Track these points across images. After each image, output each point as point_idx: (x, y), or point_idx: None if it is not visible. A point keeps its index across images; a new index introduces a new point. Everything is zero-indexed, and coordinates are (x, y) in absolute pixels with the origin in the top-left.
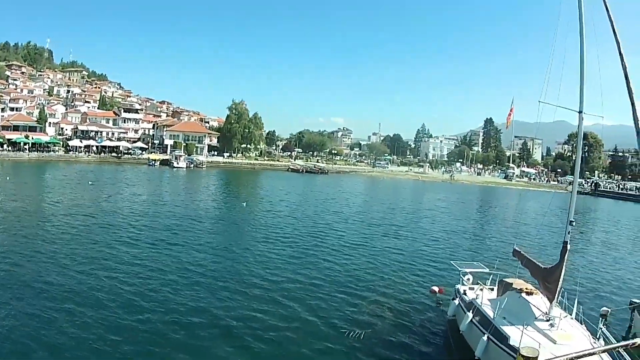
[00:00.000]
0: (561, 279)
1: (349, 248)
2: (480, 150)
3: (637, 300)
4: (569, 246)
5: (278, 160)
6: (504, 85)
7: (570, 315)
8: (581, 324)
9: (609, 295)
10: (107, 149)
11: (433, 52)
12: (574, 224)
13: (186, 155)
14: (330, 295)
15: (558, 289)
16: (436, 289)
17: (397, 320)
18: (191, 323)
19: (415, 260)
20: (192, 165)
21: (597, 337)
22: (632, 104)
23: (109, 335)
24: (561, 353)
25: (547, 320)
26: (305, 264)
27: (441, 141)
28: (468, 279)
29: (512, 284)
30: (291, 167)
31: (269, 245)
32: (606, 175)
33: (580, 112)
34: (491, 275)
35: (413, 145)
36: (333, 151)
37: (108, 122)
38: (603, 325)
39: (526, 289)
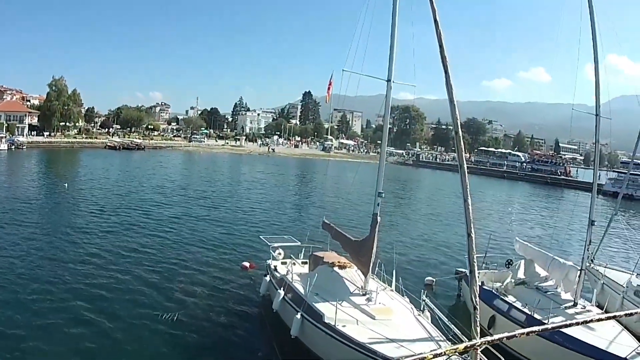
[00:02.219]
0: (374, 252)
1: (163, 225)
2: (298, 123)
3: (462, 270)
4: (379, 218)
5: (96, 138)
6: (326, 59)
7: (390, 287)
8: (403, 295)
9: (435, 264)
10: None
11: (249, 25)
12: (383, 195)
13: (8, 136)
14: (143, 276)
15: (371, 262)
16: (247, 264)
17: (211, 299)
18: None
19: (229, 236)
20: (13, 147)
21: (421, 308)
22: (446, 71)
23: None
24: (380, 329)
25: (364, 295)
26: (121, 244)
27: (259, 114)
28: (279, 254)
29: (323, 257)
30: (108, 144)
31: (84, 228)
32: (429, 147)
33: (388, 80)
34: (303, 249)
35: (231, 119)
36: (150, 126)
37: None
38: (426, 296)
39: (339, 262)
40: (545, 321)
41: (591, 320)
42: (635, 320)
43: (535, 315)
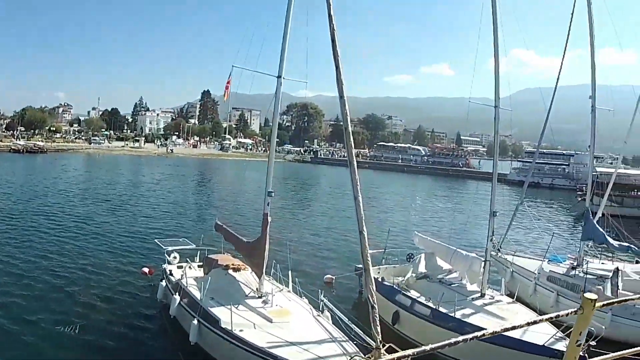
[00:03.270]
0: (266, 253)
1: (65, 231)
2: (197, 122)
3: (361, 266)
4: (269, 218)
5: (1, 141)
6: (229, 57)
7: (287, 288)
8: (301, 296)
9: (335, 261)
10: None
11: (149, 23)
12: (273, 194)
13: None
14: (40, 285)
15: (265, 263)
16: (147, 269)
17: (112, 307)
18: None
19: (130, 240)
20: None
21: (320, 309)
22: (337, 67)
23: None
24: (278, 332)
25: (260, 297)
26: (18, 252)
27: (158, 115)
28: (175, 257)
29: (217, 260)
30: (12, 147)
31: None
32: (327, 144)
33: (279, 77)
34: (198, 252)
35: (131, 120)
36: (52, 128)
37: None
38: (324, 296)
39: (233, 264)
40: (452, 314)
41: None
42: (551, 305)
43: (441, 309)
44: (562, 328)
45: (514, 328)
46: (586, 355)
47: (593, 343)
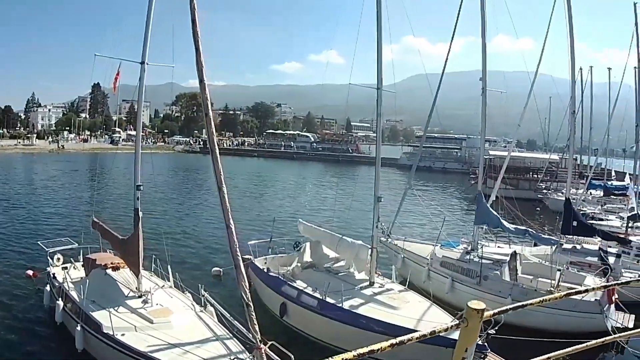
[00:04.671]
0: (141, 249)
1: None
2: (87, 116)
3: (248, 256)
4: (140, 213)
5: None
6: (122, 49)
7: (169, 283)
8: (183, 292)
9: (224, 253)
10: None
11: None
12: (141, 188)
13: None
14: None
15: (140, 260)
16: (30, 272)
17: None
18: None
19: (13, 243)
20: None
21: (202, 304)
22: (197, 50)
23: None
24: (159, 333)
25: (140, 297)
26: None
27: (49, 110)
28: (58, 259)
29: (95, 260)
30: None
31: None
32: (218, 133)
33: (142, 62)
34: (81, 251)
35: (24, 117)
36: None
37: None
38: (204, 290)
39: (111, 263)
40: (339, 304)
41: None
42: (447, 291)
43: (328, 299)
44: (458, 315)
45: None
46: (485, 344)
47: (492, 332)
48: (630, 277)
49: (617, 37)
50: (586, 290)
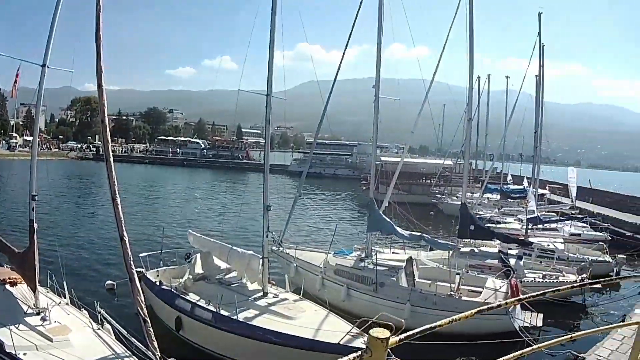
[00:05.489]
0: (36, 263)
1: None
2: None
3: (141, 269)
4: (35, 225)
5: None
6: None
7: (65, 300)
8: (80, 309)
9: (118, 265)
10: None
11: None
12: (37, 198)
13: None
14: None
15: (37, 275)
16: None
17: None
18: None
19: None
20: None
21: (99, 321)
22: (98, 54)
23: None
24: (59, 352)
25: (38, 314)
26: None
27: None
28: None
29: None
30: None
31: None
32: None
33: (43, 65)
34: None
35: None
36: None
37: None
38: (100, 307)
39: (9, 278)
40: (234, 317)
41: None
42: (343, 299)
43: (222, 312)
44: (357, 323)
45: None
46: (391, 353)
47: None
48: (533, 278)
49: (516, 48)
50: (499, 306)
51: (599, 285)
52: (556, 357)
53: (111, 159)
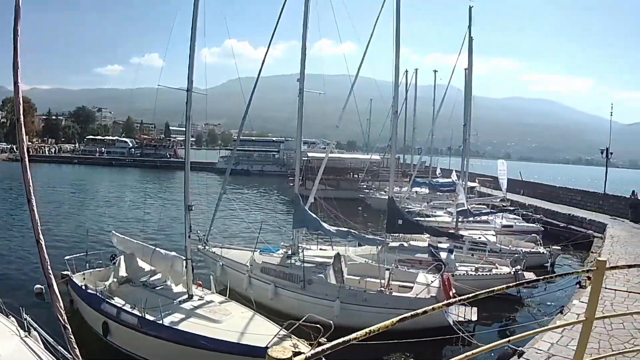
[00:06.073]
0: None
1: None
2: None
3: (67, 273)
4: None
5: None
6: None
7: None
8: (7, 316)
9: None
10: None
11: None
12: None
13: None
14: None
15: None
16: None
17: None
18: None
19: None
20: None
21: (26, 328)
22: (15, 51)
23: None
24: None
25: None
26: None
27: None
28: None
29: None
30: None
31: None
32: (39, 139)
33: None
34: None
35: None
36: None
37: None
38: (26, 314)
39: None
40: (160, 321)
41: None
42: (270, 298)
43: (148, 316)
44: (285, 325)
45: None
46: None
47: (324, 340)
48: (465, 271)
49: (445, 44)
50: (449, 304)
51: (534, 277)
52: (493, 352)
53: (26, 159)
